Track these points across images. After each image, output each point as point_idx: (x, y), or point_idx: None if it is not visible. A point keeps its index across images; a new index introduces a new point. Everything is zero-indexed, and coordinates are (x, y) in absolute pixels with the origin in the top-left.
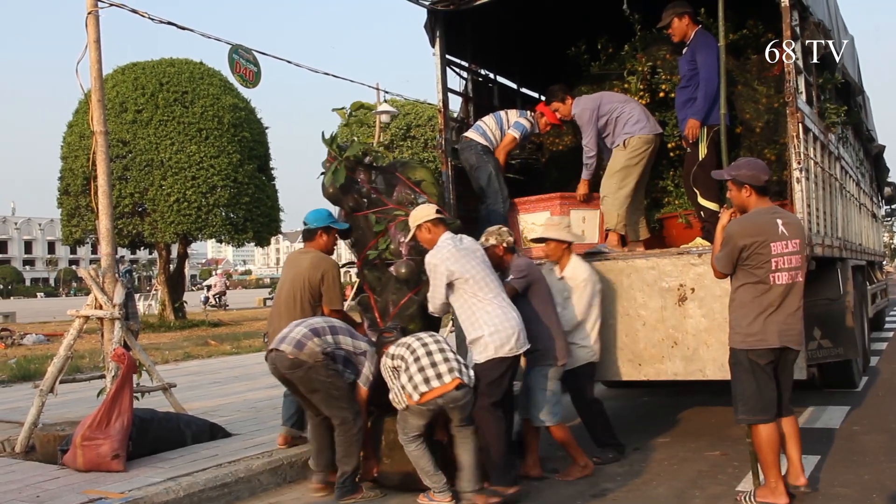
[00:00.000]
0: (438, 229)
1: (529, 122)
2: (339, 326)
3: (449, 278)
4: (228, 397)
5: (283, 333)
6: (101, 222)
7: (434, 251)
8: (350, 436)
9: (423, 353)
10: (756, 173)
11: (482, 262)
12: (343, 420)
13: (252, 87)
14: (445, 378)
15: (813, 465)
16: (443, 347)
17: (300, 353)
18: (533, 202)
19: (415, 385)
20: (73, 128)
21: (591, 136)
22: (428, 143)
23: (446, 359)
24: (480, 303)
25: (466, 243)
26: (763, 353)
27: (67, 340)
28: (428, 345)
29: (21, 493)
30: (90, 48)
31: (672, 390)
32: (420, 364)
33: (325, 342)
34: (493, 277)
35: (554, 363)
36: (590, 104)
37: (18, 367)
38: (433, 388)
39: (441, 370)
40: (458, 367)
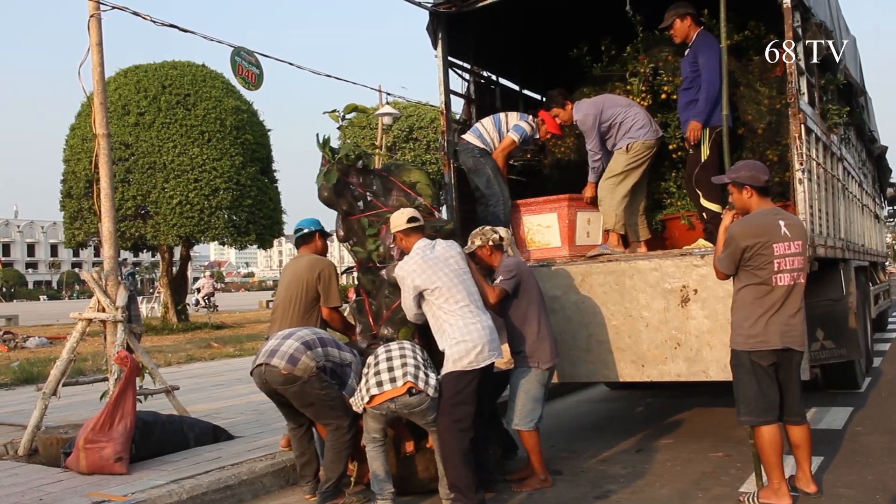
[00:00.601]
0: (411, 238)
1: (530, 126)
2: (327, 338)
3: (416, 290)
4: (231, 400)
5: (271, 347)
6: (103, 225)
7: (401, 263)
8: (342, 442)
9: (384, 359)
10: (755, 174)
11: (453, 271)
12: (338, 427)
13: (254, 89)
14: (398, 382)
15: (816, 466)
16: (404, 355)
17: (294, 368)
18: (540, 203)
19: (368, 388)
20: (75, 130)
21: (595, 140)
22: (430, 145)
23: (404, 364)
24: (446, 314)
25: (438, 251)
26: (765, 354)
27: (70, 343)
28: (391, 351)
29: (24, 496)
30: (92, 51)
31: (675, 392)
32: (377, 369)
33: (316, 355)
34: (464, 286)
35: (536, 365)
36: (592, 109)
37: (21, 369)
38: (384, 391)
39: (396, 375)
40: (413, 374)
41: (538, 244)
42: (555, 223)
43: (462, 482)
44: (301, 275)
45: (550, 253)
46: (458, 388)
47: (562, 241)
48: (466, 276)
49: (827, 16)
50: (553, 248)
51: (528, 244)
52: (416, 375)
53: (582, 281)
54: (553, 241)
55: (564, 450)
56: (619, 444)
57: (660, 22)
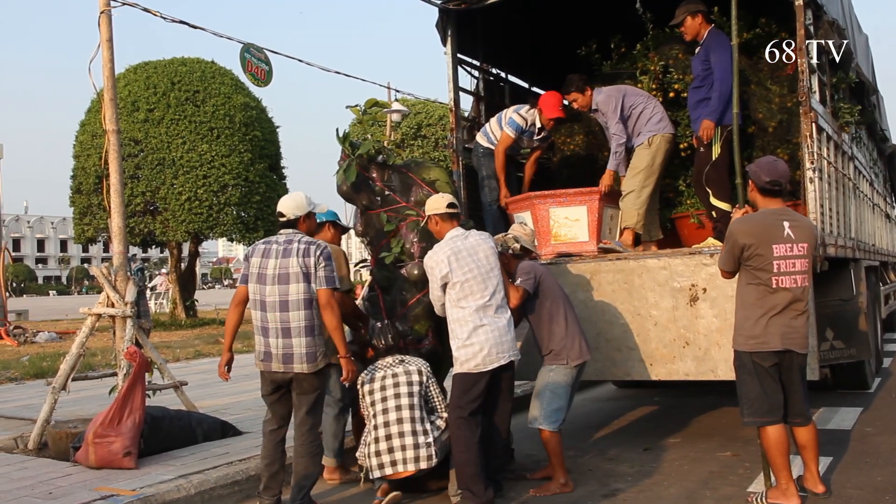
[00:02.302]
0: (446, 224)
1: (523, 119)
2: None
3: (442, 281)
4: (239, 395)
5: (281, 353)
6: (113, 221)
7: (431, 253)
8: (316, 445)
9: (383, 436)
10: (758, 171)
11: (479, 265)
12: (313, 426)
13: (264, 85)
14: (399, 467)
15: (825, 467)
16: (402, 431)
17: (317, 364)
18: (570, 196)
19: (371, 467)
20: (85, 127)
21: (618, 122)
22: (438, 142)
23: (403, 446)
24: (461, 311)
25: (470, 242)
26: (766, 355)
27: (80, 338)
28: (390, 425)
29: (34, 489)
30: (102, 47)
31: (683, 391)
32: (378, 447)
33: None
34: (486, 282)
35: (565, 363)
36: (614, 93)
37: (31, 364)
38: (387, 474)
39: (396, 458)
40: (414, 457)
41: (564, 238)
42: (584, 217)
43: (471, 480)
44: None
45: (577, 248)
46: (465, 389)
47: (589, 235)
48: (492, 273)
49: (839, 13)
50: (580, 242)
51: (552, 238)
52: (418, 457)
53: (591, 279)
54: (580, 236)
55: (571, 448)
56: (627, 442)
57: (670, 19)
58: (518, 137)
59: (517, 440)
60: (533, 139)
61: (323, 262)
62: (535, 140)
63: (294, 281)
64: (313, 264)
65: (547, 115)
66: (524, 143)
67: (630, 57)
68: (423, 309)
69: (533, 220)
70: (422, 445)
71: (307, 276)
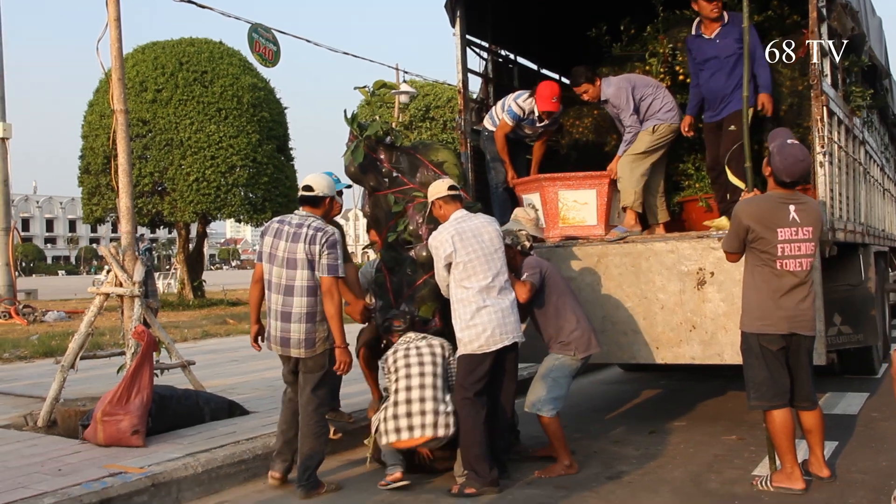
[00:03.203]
0: (450, 206)
1: (521, 108)
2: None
3: (446, 261)
4: (246, 375)
5: (280, 336)
6: (121, 201)
7: (435, 233)
8: (319, 419)
9: (403, 400)
10: (780, 168)
11: (483, 246)
12: (320, 405)
13: (271, 66)
14: (416, 433)
15: (830, 451)
16: (424, 396)
17: (315, 350)
18: (579, 179)
19: (386, 430)
20: (93, 107)
21: (633, 114)
22: (447, 124)
23: (423, 411)
24: (464, 292)
25: (474, 223)
26: (773, 338)
27: (88, 317)
28: (411, 389)
29: (43, 466)
30: (110, 26)
31: (689, 374)
32: (396, 411)
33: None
34: (490, 264)
35: (572, 354)
36: (624, 84)
37: (40, 343)
38: (402, 439)
39: (414, 423)
40: (433, 422)
41: (572, 221)
42: (593, 200)
43: (476, 461)
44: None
45: (585, 231)
46: (470, 370)
47: (598, 219)
48: (496, 254)
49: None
50: (588, 226)
51: (560, 221)
52: (436, 423)
53: (597, 262)
54: (589, 219)
55: (577, 430)
56: (632, 425)
57: (679, 1)
58: (517, 125)
59: (523, 422)
60: (535, 126)
61: (327, 250)
62: (537, 126)
63: (300, 267)
64: (318, 252)
65: (540, 108)
66: (525, 130)
67: (639, 39)
68: (429, 290)
69: (541, 203)
70: (441, 413)
71: (312, 263)
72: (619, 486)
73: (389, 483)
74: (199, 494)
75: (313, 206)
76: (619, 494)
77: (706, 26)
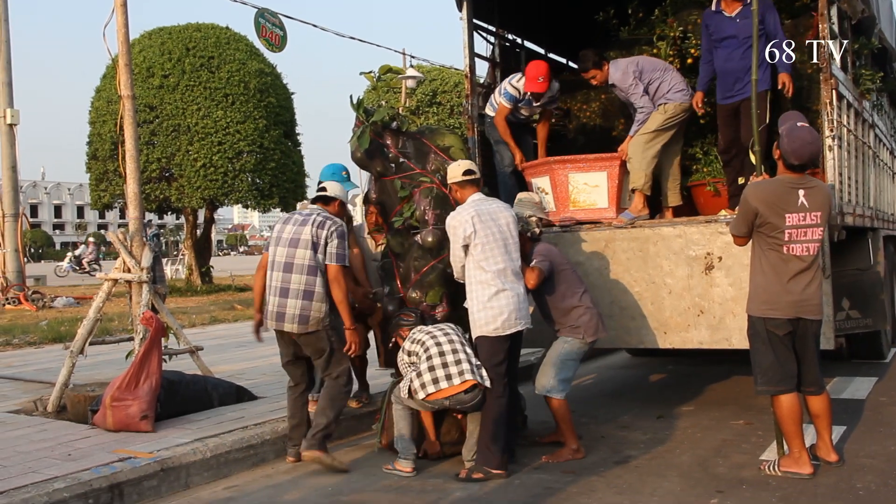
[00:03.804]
0: (466, 190)
1: (516, 88)
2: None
3: (465, 241)
4: (254, 361)
5: (276, 311)
6: (128, 187)
7: (454, 213)
8: (342, 392)
9: (436, 353)
10: (788, 151)
11: (500, 231)
12: (340, 374)
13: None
14: (455, 380)
15: (839, 436)
16: (456, 349)
17: (307, 326)
18: (590, 161)
19: (423, 383)
20: (100, 93)
21: (643, 95)
22: (454, 109)
23: (458, 360)
24: (483, 274)
25: (492, 207)
26: (779, 323)
27: (96, 303)
28: (441, 345)
29: (53, 451)
30: (117, 12)
31: (697, 359)
32: (431, 363)
33: (318, 297)
34: (506, 249)
35: (581, 338)
36: (632, 66)
37: (49, 329)
38: (441, 388)
39: (451, 371)
40: (470, 369)
41: (582, 204)
42: (604, 183)
43: (493, 440)
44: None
45: (596, 214)
46: (492, 352)
47: (609, 201)
48: (511, 242)
49: None
50: (599, 209)
51: (571, 204)
52: (473, 371)
53: (605, 247)
54: (600, 202)
55: (584, 415)
56: (640, 410)
57: None
58: (515, 107)
59: (530, 406)
60: (532, 106)
61: (336, 239)
62: (534, 107)
63: (303, 247)
64: (325, 237)
65: (526, 88)
66: (523, 112)
67: (648, 22)
68: (436, 276)
69: (551, 186)
70: (476, 364)
71: (316, 245)
72: (627, 471)
73: (396, 470)
74: (208, 479)
75: (325, 204)
76: (627, 479)
77: (727, 4)
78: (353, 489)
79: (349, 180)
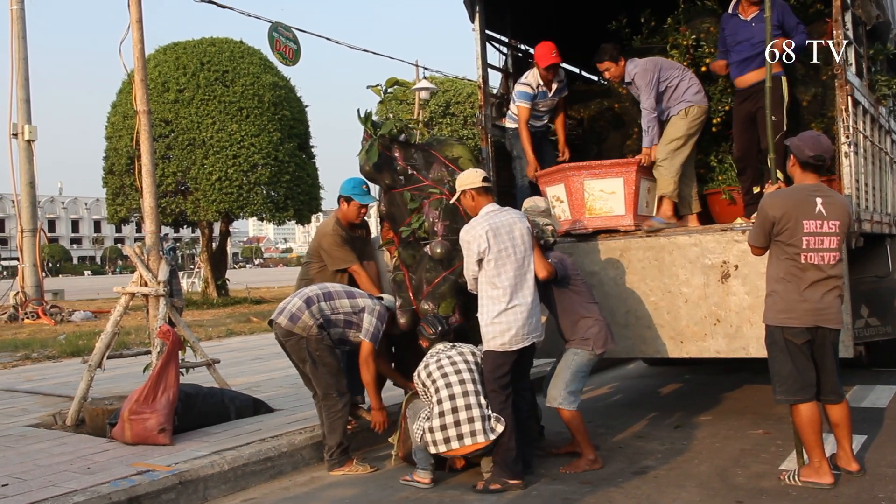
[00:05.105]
0: (482, 198)
1: (527, 84)
2: (335, 291)
3: (479, 256)
4: (271, 373)
5: (282, 305)
6: (145, 201)
7: (468, 227)
8: (334, 412)
9: (449, 409)
10: (801, 145)
11: (514, 243)
12: (326, 395)
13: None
14: (466, 440)
15: (859, 445)
16: (469, 403)
17: (294, 326)
18: (606, 167)
19: (434, 441)
20: (116, 108)
21: (652, 98)
22: (467, 119)
23: (471, 418)
24: (493, 290)
25: (506, 218)
26: (797, 332)
27: (114, 317)
28: (455, 398)
29: (72, 464)
30: (132, 28)
31: (714, 368)
32: (443, 421)
33: (319, 311)
34: (518, 262)
35: (590, 349)
36: (650, 65)
37: (68, 342)
38: (452, 448)
39: (463, 431)
40: (482, 428)
41: (599, 212)
42: (620, 189)
43: (506, 452)
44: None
45: (613, 221)
46: (496, 365)
47: (626, 208)
48: (527, 253)
49: None
50: (616, 216)
51: (587, 212)
52: (485, 428)
53: (620, 256)
54: (616, 209)
55: (601, 425)
56: (657, 420)
57: None
58: (533, 105)
59: (546, 417)
60: (548, 98)
61: (369, 315)
62: (550, 99)
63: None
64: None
65: (542, 64)
66: (542, 108)
67: (661, 31)
68: (448, 287)
69: (566, 193)
70: (487, 418)
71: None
72: (645, 482)
73: (414, 481)
74: (226, 492)
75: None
76: (645, 490)
77: (744, 8)
78: (370, 500)
79: (369, 193)
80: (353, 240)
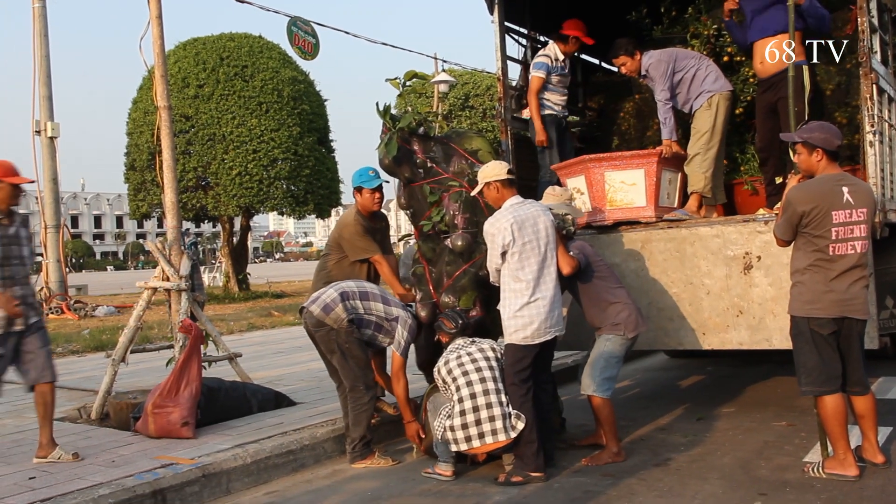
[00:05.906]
0: (507, 190)
1: (547, 56)
2: (372, 292)
3: (503, 249)
4: (292, 367)
5: (316, 294)
6: (166, 196)
7: (493, 220)
8: (359, 405)
9: (470, 408)
10: (829, 137)
11: (538, 236)
12: (353, 387)
13: (311, 58)
14: (487, 439)
15: (885, 437)
16: (490, 402)
17: (326, 316)
18: (627, 158)
19: (456, 439)
20: (137, 104)
21: (666, 90)
22: (486, 112)
23: (492, 417)
24: (516, 283)
25: (530, 211)
26: (824, 322)
27: (137, 311)
28: (476, 396)
29: (97, 458)
30: (152, 24)
31: (737, 360)
32: (465, 420)
33: (352, 307)
34: (541, 255)
35: (622, 334)
36: (665, 57)
37: (91, 337)
38: (473, 446)
39: (484, 429)
40: (503, 427)
41: (620, 203)
42: (641, 181)
43: (527, 445)
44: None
45: (634, 213)
46: (517, 359)
47: (647, 200)
48: (550, 246)
49: None
50: (637, 207)
51: (608, 203)
52: (506, 426)
53: (642, 248)
54: (637, 201)
55: (623, 417)
56: (680, 412)
57: None
58: (547, 77)
59: (568, 410)
60: (563, 73)
61: (400, 329)
62: (565, 74)
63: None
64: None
65: (571, 33)
66: (557, 83)
67: (681, 21)
68: (469, 280)
69: (587, 185)
70: (508, 416)
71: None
72: (667, 474)
73: (435, 474)
74: (249, 485)
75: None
76: (668, 482)
77: None
78: (392, 493)
79: (378, 177)
80: (374, 230)
